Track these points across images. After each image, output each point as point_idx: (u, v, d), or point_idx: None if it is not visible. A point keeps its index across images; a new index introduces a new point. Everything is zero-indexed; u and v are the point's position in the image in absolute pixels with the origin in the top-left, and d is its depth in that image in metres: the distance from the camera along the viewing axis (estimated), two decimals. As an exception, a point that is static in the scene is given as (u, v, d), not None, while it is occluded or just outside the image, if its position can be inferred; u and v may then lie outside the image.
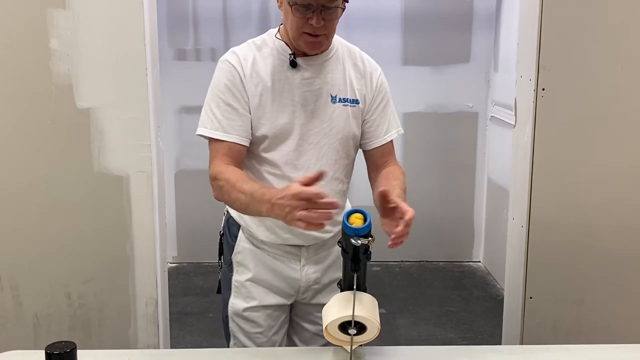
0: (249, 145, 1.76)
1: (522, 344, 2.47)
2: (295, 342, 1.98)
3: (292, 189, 1.47)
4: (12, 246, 2.35)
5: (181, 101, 4.29)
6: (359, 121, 1.82)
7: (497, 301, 3.89)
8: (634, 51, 2.30)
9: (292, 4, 1.64)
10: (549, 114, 2.33)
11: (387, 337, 3.34)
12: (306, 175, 1.73)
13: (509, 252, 2.57)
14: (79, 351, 1.44)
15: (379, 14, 4.30)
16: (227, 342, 1.93)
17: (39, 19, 2.21)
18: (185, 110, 4.32)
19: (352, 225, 1.49)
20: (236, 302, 1.87)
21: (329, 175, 1.79)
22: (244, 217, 1.84)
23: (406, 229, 1.52)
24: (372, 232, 1.54)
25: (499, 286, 4.14)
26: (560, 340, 2.44)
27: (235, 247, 1.87)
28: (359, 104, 1.80)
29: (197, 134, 1.76)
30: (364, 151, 1.89)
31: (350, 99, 1.79)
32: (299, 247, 1.84)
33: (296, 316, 1.96)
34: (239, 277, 1.87)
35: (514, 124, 2.48)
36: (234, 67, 1.73)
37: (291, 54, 1.74)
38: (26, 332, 2.40)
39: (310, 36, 1.68)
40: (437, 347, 1.90)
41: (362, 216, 1.51)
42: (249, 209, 1.64)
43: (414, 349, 1.85)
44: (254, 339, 1.87)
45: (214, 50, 4.31)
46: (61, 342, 1.44)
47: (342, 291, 1.60)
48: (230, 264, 1.89)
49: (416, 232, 5.13)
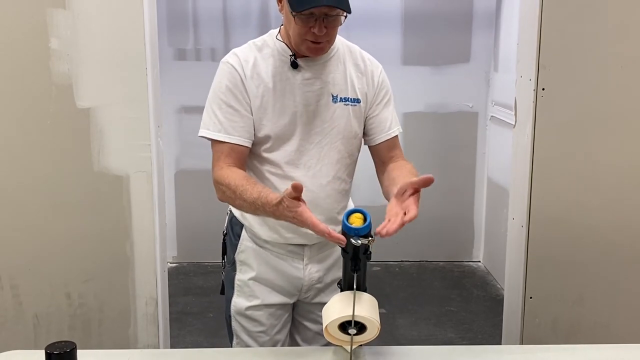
0: (251, 146, 1.76)
1: (522, 343, 2.47)
2: (297, 341, 1.98)
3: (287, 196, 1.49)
4: (12, 246, 2.35)
5: (181, 101, 4.29)
6: (360, 120, 1.82)
7: (497, 301, 3.89)
8: (634, 51, 2.30)
9: (294, 14, 1.63)
10: (549, 114, 2.33)
11: (387, 337, 3.34)
12: (307, 175, 1.74)
13: (509, 251, 2.57)
14: (79, 351, 1.44)
15: (379, 14, 4.30)
16: (230, 342, 1.93)
17: (39, 18, 2.21)
18: (185, 110, 4.32)
19: (352, 225, 1.49)
20: (239, 301, 1.88)
21: (332, 174, 1.80)
22: (247, 217, 1.85)
23: (400, 227, 1.51)
24: (372, 232, 1.54)
25: (499, 286, 4.14)
26: (560, 339, 2.45)
27: (238, 247, 1.88)
28: (360, 102, 1.81)
29: (200, 135, 1.77)
30: (370, 147, 1.89)
31: (351, 99, 1.79)
32: (302, 246, 1.85)
33: (298, 315, 1.96)
34: (242, 276, 1.87)
35: (514, 123, 2.48)
36: (235, 68, 1.74)
37: (292, 55, 1.74)
38: (26, 332, 2.40)
39: (312, 42, 1.68)
40: (437, 347, 1.90)
41: (362, 216, 1.51)
42: (257, 214, 1.69)
43: (414, 349, 1.85)
44: (256, 338, 1.87)
45: (214, 50, 4.31)
46: (61, 342, 1.44)
47: (342, 291, 1.60)
48: (233, 263, 1.89)
49: (416, 232, 5.13)
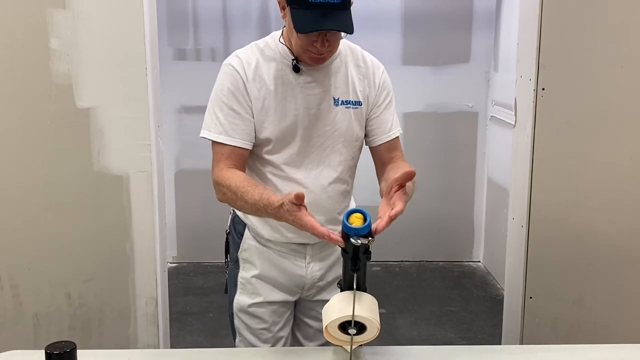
0: (252, 148, 1.77)
1: (522, 343, 2.47)
2: (298, 338, 1.99)
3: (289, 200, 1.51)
4: (12, 246, 2.35)
5: (181, 101, 4.29)
6: (361, 122, 1.83)
7: (497, 301, 3.89)
8: (634, 51, 2.30)
9: (296, 31, 1.62)
10: (548, 114, 2.33)
11: (387, 337, 3.34)
12: (308, 176, 1.76)
13: (509, 251, 2.57)
14: (79, 351, 1.44)
15: (379, 14, 4.30)
16: (233, 340, 1.94)
17: (39, 18, 2.21)
18: (185, 110, 4.32)
19: (352, 225, 1.49)
20: (242, 298, 1.89)
21: (333, 176, 1.80)
22: (249, 217, 1.85)
23: (388, 224, 1.53)
24: (372, 232, 1.54)
25: (498, 286, 4.14)
26: (560, 339, 2.45)
27: (241, 245, 1.89)
28: (362, 105, 1.81)
29: (201, 136, 1.77)
30: (370, 148, 1.89)
31: (352, 101, 1.79)
32: (304, 245, 1.85)
33: (300, 312, 1.97)
34: (245, 273, 1.88)
35: (514, 123, 2.48)
36: (237, 71, 1.73)
37: (294, 59, 1.74)
38: (26, 332, 2.40)
39: (314, 53, 1.68)
40: (437, 347, 1.90)
41: (362, 216, 1.51)
42: (258, 215, 1.71)
43: (414, 348, 1.85)
44: (258, 335, 1.88)
45: (214, 50, 4.31)
46: (61, 341, 1.44)
47: (342, 291, 1.60)
48: (236, 261, 1.90)
49: (416, 231, 5.13)
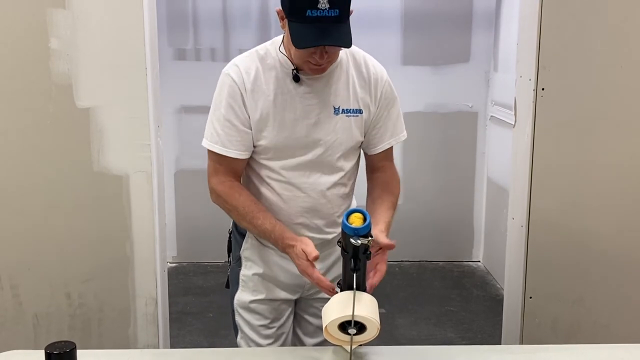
0: (248, 156, 1.78)
1: (521, 343, 2.47)
2: (298, 335, 2.00)
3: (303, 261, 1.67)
4: (12, 246, 2.35)
5: (181, 101, 4.29)
6: (362, 129, 1.82)
7: (496, 301, 3.89)
8: (634, 51, 2.30)
9: (294, 46, 1.61)
10: (548, 114, 2.33)
11: (386, 337, 3.34)
12: (307, 182, 1.77)
13: (509, 251, 2.57)
14: (78, 351, 1.44)
15: (379, 14, 4.30)
16: (235, 337, 1.95)
17: (39, 18, 2.21)
18: (185, 110, 4.32)
19: (352, 225, 1.49)
20: (243, 295, 1.89)
21: (333, 181, 1.80)
22: None
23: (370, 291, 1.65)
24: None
25: (498, 286, 4.14)
26: (560, 339, 2.45)
27: (243, 244, 1.89)
28: (363, 113, 1.79)
29: (202, 144, 1.79)
30: (364, 153, 1.91)
31: (353, 109, 1.78)
32: None
33: (300, 309, 1.97)
34: (247, 271, 1.89)
35: (513, 123, 2.48)
36: (236, 82, 1.73)
37: (294, 69, 1.73)
38: (26, 332, 2.40)
39: (313, 65, 1.67)
40: (437, 347, 1.90)
41: (362, 216, 1.51)
42: (261, 237, 1.81)
43: (414, 348, 1.86)
44: (259, 332, 1.89)
45: (213, 50, 4.31)
46: (61, 341, 1.44)
47: (342, 291, 1.60)
48: (238, 259, 1.91)
49: (416, 231, 5.11)
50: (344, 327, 1.54)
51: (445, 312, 3.81)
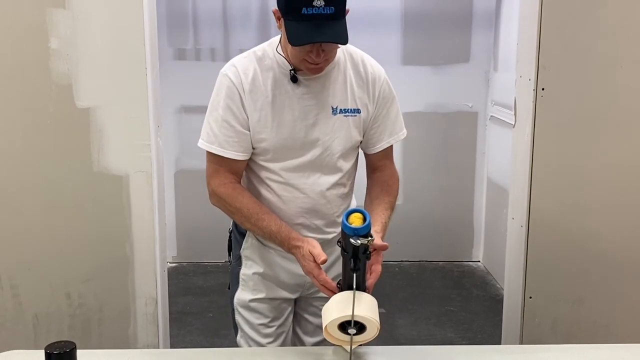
0: (248, 157, 1.78)
1: (521, 343, 2.47)
2: (298, 334, 2.00)
3: (311, 264, 1.66)
4: (12, 246, 2.35)
5: (181, 101, 4.29)
6: (360, 129, 1.82)
7: (496, 301, 3.89)
8: (634, 51, 2.30)
9: (290, 44, 1.60)
10: (548, 114, 2.33)
11: (386, 337, 3.34)
12: (307, 182, 1.77)
13: (509, 251, 2.57)
14: (78, 351, 1.44)
15: (379, 14, 4.30)
16: (235, 336, 1.95)
17: (39, 18, 2.21)
18: (185, 110, 4.32)
19: (352, 225, 1.49)
20: (243, 294, 1.89)
21: (332, 182, 1.80)
22: None
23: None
24: (372, 232, 1.54)
25: (498, 286, 4.14)
26: (559, 339, 2.45)
27: (243, 243, 1.89)
28: (361, 113, 1.79)
29: (198, 145, 1.79)
30: (364, 152, 1.91)
31: (351, 109, 1.78)
32: None
33: (300, 308, 1.97)
34: (247, 270, 1.89)
35: (513, 123, 2.48)
36: (234, 83, 1.72)
37: (292, 70, 1.73)
38: (26, 332, 2.40)
39: (310, 64, 1.66)
40: (437, 347, 1.90)
41: (362, 216, 1.51)
42: (266, 238, 1.80)
43: (414, 348, 1.86)
44: (259, 330, 1.89)
45: (213, 50, 4.31)
46: (61, 341, 1.44)
47: (341, 291, 1.60)
48: (238, 259, 1.91)
49: (416, 231, 5.10)
50: (343, 327, 1.54)
51: (445, 312, 3.81)
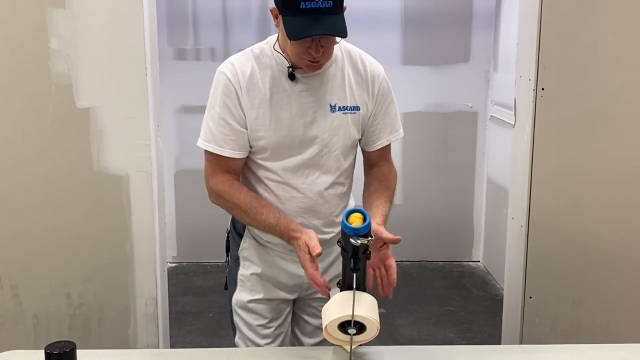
0: (245, 156, 1.77)
1: (521, 343, 2.47)
2: (297, 335, 2.00)
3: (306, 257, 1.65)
4: (12, 246, 2.35)
5: (181, 101, 4.29)
6: (359, 127, 1.82)
7: (496, 301, 3.89)
8: (634, 51, 2.30)
9: (289, 39, 1.60)
10: (548, 114, 2.33)
11: (386, 337, 3.34)
12: (305, 182, 1.77)
13: (509, 251, 2.57)
14: (78, 351, 1.44)
15: (379, 14, 4.30)
16: (233, 337, 1.95)
17: (39, 18, 2.21)
18: (185, 110, 4.32)
19: (352, 224, 1.49)
20: (241, 295, 1.89)
21: (330, 181, 1.80)
22: None
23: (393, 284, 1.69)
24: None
25: (498, 286, 4.14)
26: (559, 339, 2.45)
27: (241, 244, 1.89)
28: (360, 110, 1.79)
29: (197, 144, 1.79)
30: (362, 149, 1.90)
31: (350, 107, 1.78)
32: None
33: (299, 309, 1.97)
34: (245, 271, 1.88)
35: (513, 123, 2.48)
36: (231, 81, 1.72)
37: (289, 67, 1.72)
38: (26, 332, 2.40)
39: (310, 60, 1.66)
40: (437, 347, 1.90)
41: (362, 216, 1.51)
42: (265, 232, 1.79)
43: (414, 348, 1.85)
44: (257, 331, 1.88)
45: (213, 50, 4.31)
46: (61, 341, 1.44)
47: (341, 291, 1.60)
48: (236, 259, 1.90)
49: (416, 231, 5.10)
50: (343, 327, 1.54)
51: (445, 312, 3.81)
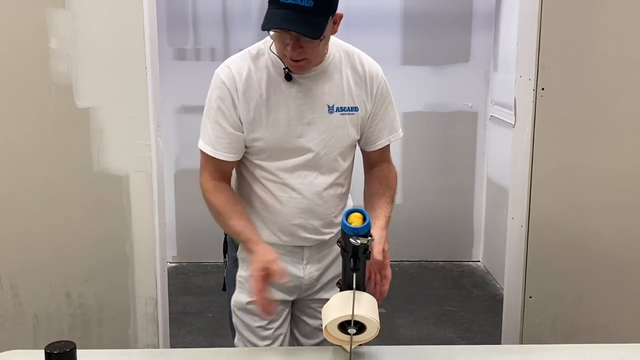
0: (238, 159, 1.78)
1: (521, 343, 2.47)
2: (296, 336, 1.99)
3: (259, 269, 1.64)
4: (12, 246, 2.35)
5: (181, 101, 4.29)
6: (357, 127, 1.81)
7: (496, 300, 3.89)
8: (634, 51, 2.30)
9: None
10: (548, 114, 2.34)
11: (386, 337, 3.34)
12: (303, 182, 1.76)
13: (509, 251, 2.57)
14: (78, 351, 1.44)
15: (379, 14, 4.30)
16: (232, 338, 1.94)
17: (39, 18, 2.21)
18: (185, 109, 4.32)
19: (352, 224, 1.49)
20: (240, 297, 1.88)
21: (329, 182, 1.79)
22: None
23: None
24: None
25: (498, 286, 4.14)
26: (559, 339, 2.45)
27: (239, 245, 1.88)
28: (358, 111, 1.78)
29: (198, 146, 1.80)
30: (362, 150, 1.90)
31: (348, 107, 1.76)
32: (301, 247, 1.85)
33: (297, 310, 1.97)
34: (244, 272, 1.88)
35: (513, 123, 2.48)
36: (226, 85, 1.71)
37: (285, 68, 1.71)
38: (26, 332, 2.40)
39: (291, 60, 1.64)
40: (437, 347, 1.90)
41: (362, 215, 1.52)
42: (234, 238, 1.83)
43: (414, 348, 1.86)
44: (256, 333, 1.88)
45: (213, 50, 4.31)
46: (61, 341, 1.44)
47: (341, 291, 1.60)
48: (235, 260, 1.90)
49: (416, 231, 5.10)
50: (343, 326, 1.54)
51: (445, 312, 3.81)
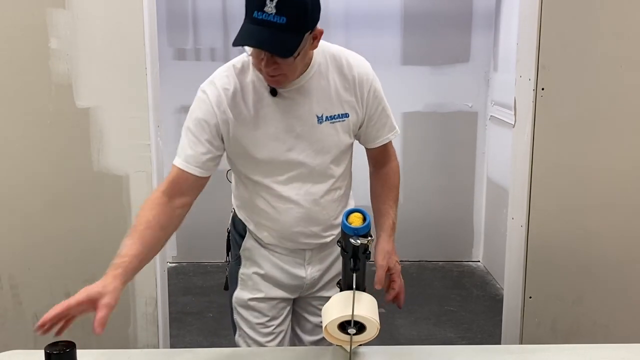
0: (208, 175, 1.72)
1: (521, 343, 2.47)
2: (297, 333, 2.00)
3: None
4: (12, 246, 2.35)
5: (181, 101, 4.27)
6: (350, 132, 1.77)
7: (496, 301, 3.89)
8: (634, 51, 2.30)
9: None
10: (548, 114, 2.34)
11: (386, 337, 3.34)
12: (299, 193, 1.74)
13: (509, 251, 2.57)
14: (78, 351, 1.44)
15: (379, 14, 4.30)
16: (234, 335, 1.95)
17: (38, 18, 2.21)
18: (185, 110, 4.26)
19: (352, 224, 1.49)
20: (242, 293, 1.88)
21: (325, 189, 1.77)
22: (249, 221, 1.85)
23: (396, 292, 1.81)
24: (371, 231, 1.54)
25: (498, 286, 4.14)
26: (559, 339, 2.45)
27: (243, 244, 1.88)
28: (349, 117, 1.73)
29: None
30: (364, 146, 1.88)
31: (338, 115, 1.72)
32: (303, 249, 1.85)
33: (298, 307, 1.97)
34: (246, 270, 1.88)
35: (513, 123, 2.48)
36: (211, 103, 1.68)
37: None
38: (26, 332, 2.40)
39: (267, 74, 1.59)
40: (437, 347, 1.90)
41: (362, 216, 1.52)
42: None
43: (414, 348, 1.86)
44: (257, 329, 1.88)
45: (213, 50, 4.31)
46: (61, 341, 1.44)
47: (341, 291, 1.60)
48: (237, 258, 1.90)
49: (416, 231, 5.09)
50: (343, 327, 1.54)
51: (445, 312, 3.81)
